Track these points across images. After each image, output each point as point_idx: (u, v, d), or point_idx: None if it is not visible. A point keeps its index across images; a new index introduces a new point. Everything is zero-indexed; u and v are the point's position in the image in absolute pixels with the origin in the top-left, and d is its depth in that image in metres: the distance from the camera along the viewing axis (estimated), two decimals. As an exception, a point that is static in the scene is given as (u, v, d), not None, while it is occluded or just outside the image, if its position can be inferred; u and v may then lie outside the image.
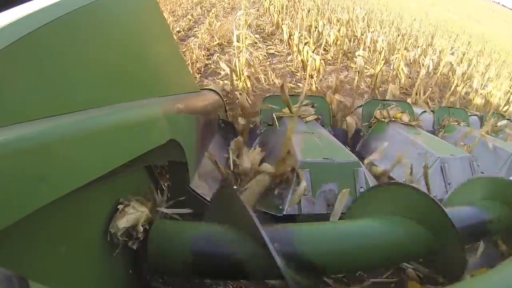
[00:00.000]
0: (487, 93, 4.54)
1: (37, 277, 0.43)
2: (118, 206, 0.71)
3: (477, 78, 4.96)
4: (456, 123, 2.56)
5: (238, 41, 3.15)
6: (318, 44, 4.50)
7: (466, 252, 0.81)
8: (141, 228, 0.71)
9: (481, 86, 4.73)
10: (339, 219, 1.11)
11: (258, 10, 8.18)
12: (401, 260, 0.86)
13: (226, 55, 4.02)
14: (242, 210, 0.68)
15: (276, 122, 1.90)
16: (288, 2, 7.01)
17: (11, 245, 0.43)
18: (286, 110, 1.95)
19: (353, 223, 0.87)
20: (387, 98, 3.12)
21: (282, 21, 5.90)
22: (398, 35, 6.50)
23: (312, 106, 2.06)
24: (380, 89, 3.76)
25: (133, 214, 0.71)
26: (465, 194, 1.10)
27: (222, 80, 3.23)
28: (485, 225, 0.94)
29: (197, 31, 5.71)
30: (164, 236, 0.74)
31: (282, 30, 5.43)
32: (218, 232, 0.78)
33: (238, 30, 3.23)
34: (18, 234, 0.43)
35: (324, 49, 4.81)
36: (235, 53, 3.22)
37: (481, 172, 1.81)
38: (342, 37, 5.28)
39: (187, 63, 3.49)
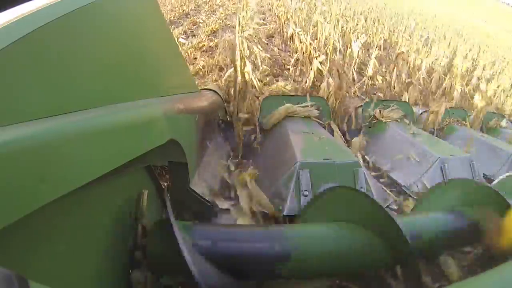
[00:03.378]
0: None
1: (37, 277, 0.43)
2: None
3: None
4: (456, 123, 2.56)
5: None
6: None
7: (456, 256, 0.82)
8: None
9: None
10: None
11: (265, 19, 6.60)
12: (359, 268, 0.84)
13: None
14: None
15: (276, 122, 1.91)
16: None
17: (11, 245, 0.43)
18: (287, 110, 1.96)
19: (312, 226, 0.87)
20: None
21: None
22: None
23: (318, 108, 2.07)
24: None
25: None
26: (439, 198, 1.08)
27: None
28: (462, 232, 0.93)
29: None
30: (164, 236, 0.74)
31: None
32: (218, 231, 0.78)
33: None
34: (18, 234, 0.43)
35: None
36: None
37: (484, 174, 1.81)
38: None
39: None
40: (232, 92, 2.08)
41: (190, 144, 1.11)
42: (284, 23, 5.74)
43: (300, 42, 4.22)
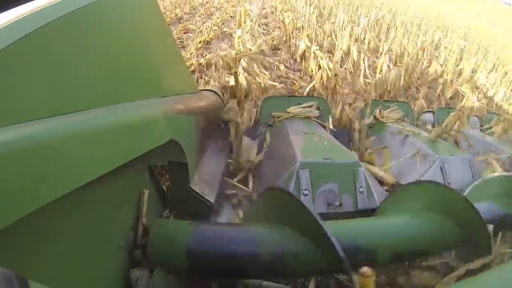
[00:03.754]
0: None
1: (37, 277, 0.43)
2: None
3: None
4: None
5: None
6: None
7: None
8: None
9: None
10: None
11: (267, 24, 5.85)
12: (437, 250, 0.91)
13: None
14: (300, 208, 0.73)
15: (276, 123, 1.91)
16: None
17: (11, 245, 0.43)
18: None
19: (394, 218, 0.93)
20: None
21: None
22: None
23: (318, 109, 2.07)
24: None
25: None
26: (484, 191, 1.13)
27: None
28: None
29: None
30: (164, 235, 0.74)
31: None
32: (218, 231, 0.78)
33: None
34: (18, 234, 0.43)
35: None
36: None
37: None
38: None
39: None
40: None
41: (190, 144, 1.11)
42: (292, 32, 4.90)
43: (319, 67, 3.28)
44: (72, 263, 0.57)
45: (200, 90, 1.73)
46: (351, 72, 3.69)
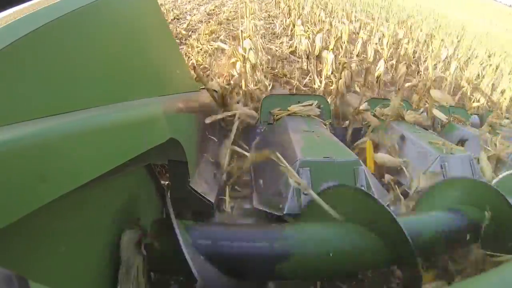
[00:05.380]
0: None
1: (37, 277, 0.43)
2: None
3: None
4: (456, 122, 2.55)
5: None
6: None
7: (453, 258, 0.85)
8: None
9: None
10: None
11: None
12: (356, 268, 0.85)
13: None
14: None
15: (275, 121, 1.91)
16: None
17: (11, 245, 0.43)
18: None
19: (312, 225, 0.88)
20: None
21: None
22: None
23: (318, 107, 2.07)
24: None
25: None
26: (439, 197, 1.10)
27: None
28: (463, 231, 0.93)
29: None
30: (164, 235, 0.74)
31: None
32: (218, 231, 0.79)
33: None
34: (18, 234, 0.43)
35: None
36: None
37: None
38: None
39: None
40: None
41: (190, 143, 1.11)
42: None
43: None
44: (72, 263, 0.57)
45: (200, 89, 1.73)
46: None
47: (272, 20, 6.06)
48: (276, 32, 5.19)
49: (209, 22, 5.52)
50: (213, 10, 6.99)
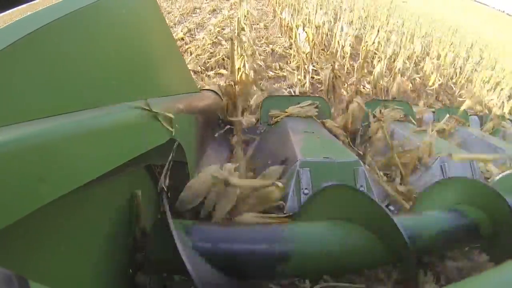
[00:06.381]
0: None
1: (37, 277, 0.43)
2: None
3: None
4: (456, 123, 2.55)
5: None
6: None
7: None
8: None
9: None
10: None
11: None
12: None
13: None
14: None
15: (275, 122, 1.91)
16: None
17: (11, 245, 0.43)
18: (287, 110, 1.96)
19: (312, 225, 0.87)
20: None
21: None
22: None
23: (316, 107, 2.07)
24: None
25: None
26: (438, 197, 1.09)
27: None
28: (462, 231, 0.93)
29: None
30: (164, 235, 0.74)
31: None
32: (218, 231, 0.78)
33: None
34: (18, 234, 0.43)
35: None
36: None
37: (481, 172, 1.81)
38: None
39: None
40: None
41: (190, 144, 1.11)
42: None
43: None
44: (72, 263, 0.57)
45: (200, 90, 1.73)
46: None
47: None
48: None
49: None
50: (182, 37, 4.94)
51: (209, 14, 7.13)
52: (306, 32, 3.35)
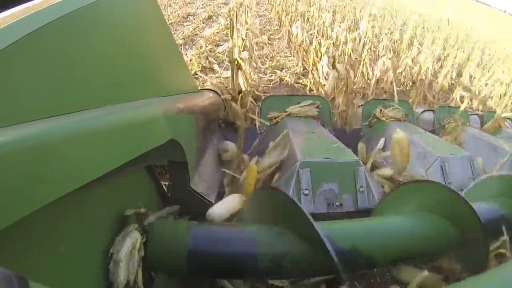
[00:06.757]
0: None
1: (37, 277, 0.43)
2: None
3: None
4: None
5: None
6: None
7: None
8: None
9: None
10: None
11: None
12: (433, 253, 0.90)
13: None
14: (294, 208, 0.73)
15: (275, 122, 1.91)
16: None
17: (11, 245, 0.43)
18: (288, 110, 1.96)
19: (390, 219, 0.93)
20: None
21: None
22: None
23: (317, 107, 2.07)
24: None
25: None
26: (483, 190, 1.13)
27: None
28: (507, 220, 0.96)
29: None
30: (164, 235, 0.74)
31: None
32: (219, 232, 0.78)
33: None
34: (18, 234, 0.43)
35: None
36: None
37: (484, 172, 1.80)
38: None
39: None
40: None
41: (190, 144, 1.11)
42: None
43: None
44: (72, 263, 0.57)
45: (200, 90, 1.73)
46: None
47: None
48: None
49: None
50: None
51: (203, 23, 6.33)
52: (334, 67, 2.38)
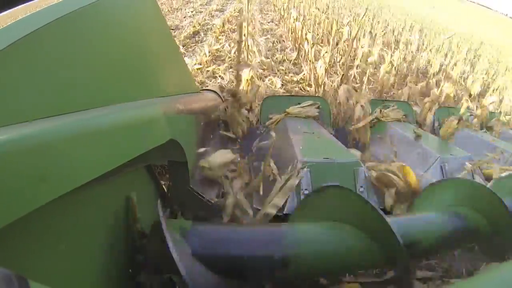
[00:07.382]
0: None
1: (37, 277, 0.43)
2: None
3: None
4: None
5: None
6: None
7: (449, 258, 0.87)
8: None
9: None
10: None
11: None
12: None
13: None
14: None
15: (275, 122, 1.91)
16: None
17: (11, 245, 0.43)
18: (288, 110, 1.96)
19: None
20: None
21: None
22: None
23: (318, 107, 2.07)
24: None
25: None
26: (435, 198, 1.10)
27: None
28: (461, 233, 0.93)
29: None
30: (164, 235, 0.74)
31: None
32: (218, 231, 0.78)
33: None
34: (18, 234, 0.43)
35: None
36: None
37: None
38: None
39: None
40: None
41: (190, 144, 1.11)
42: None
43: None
44: (72, 263, 0.57)
45: (200, 90, 1.73)
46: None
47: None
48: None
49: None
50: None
51: (189, 39, 4.89)
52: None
